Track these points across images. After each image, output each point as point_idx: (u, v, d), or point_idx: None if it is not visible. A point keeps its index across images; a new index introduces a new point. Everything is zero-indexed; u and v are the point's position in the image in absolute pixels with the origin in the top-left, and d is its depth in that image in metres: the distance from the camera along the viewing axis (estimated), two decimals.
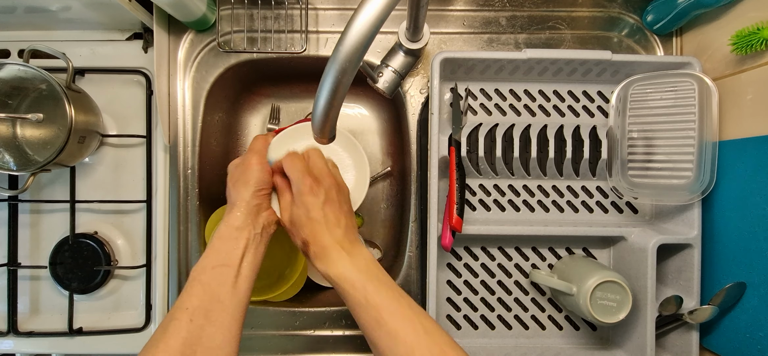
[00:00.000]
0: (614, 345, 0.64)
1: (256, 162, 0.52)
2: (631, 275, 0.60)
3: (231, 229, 0.48)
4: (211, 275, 0.46)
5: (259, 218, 0.50)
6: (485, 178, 0.65)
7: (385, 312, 0.44)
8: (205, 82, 0.67)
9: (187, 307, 0.44)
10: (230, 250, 0.47)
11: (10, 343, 0.66)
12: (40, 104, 0.61)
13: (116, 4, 0.58)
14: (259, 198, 0.50)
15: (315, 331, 0.67)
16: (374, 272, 0.47)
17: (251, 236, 0.49)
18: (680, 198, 0.59)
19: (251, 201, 0.50)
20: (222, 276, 0.46)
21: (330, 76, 0.36)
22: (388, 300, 0.45)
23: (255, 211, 0.50)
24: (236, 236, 0.48)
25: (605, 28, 0.68)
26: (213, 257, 0.47)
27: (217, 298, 0.45)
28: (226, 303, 0.45)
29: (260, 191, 0.50)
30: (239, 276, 0.47)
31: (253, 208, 0.50)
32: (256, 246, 0.49)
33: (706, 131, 0.57)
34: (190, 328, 0.42)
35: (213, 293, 0.45)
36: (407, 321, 0.44)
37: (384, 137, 0.82)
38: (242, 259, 0.47)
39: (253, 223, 0.49)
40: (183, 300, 0.45)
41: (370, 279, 0.46)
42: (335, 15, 0.68)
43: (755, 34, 0.52)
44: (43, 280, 0.68)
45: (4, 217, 0.66)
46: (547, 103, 0.65)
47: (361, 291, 0.45)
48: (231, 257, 0.47)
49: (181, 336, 0.42)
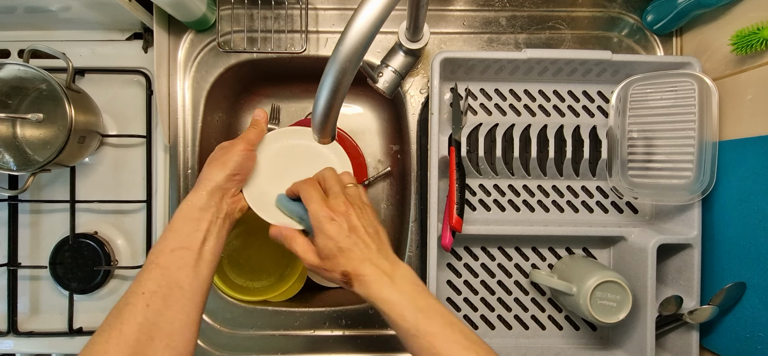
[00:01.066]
0: (614, 345, 0.64)
1: (242, 148, 0.51)
2: (631, 275, 0.60)
3: (193, 209, 0.47)
4: (170, 258, 0.44)
5: (223, 202, 0.49)
6: (485, 178, 0.65)
7: (439, 341, 0.42)
8: (205, 82, 0.67)
9: (144, 291, 0.42)
10: (191, 232, 0.46)
11: (10, 343, 0.66)
12: (40, 104, 0.61)
13: (116, 4, 0.58)
14: (231, 183, 0.49)
15: (315, 331, 0.67)
16: (422, 296, 0.44)
17: (214, 219, 0.47)
18: (680, 198, 0.59)
19: (221, 183, 0.48)
20: (181, 259, 0.44)
21: (330, 76, 0.36)
22: (441, 327, 0.42)
23: (220, 194, 0.48)
24: (198, 217, 0.46)
25: (605, 28, 0.68)
26: (172, 238, 0.45)
27: (176, 282, 0.43)
28: (186, 287, 0.43)
29: (235, 175, 0.50)
30: (200, 260, 0.45)
31: (220, 190, 0.48)
32: (218, 231, 0.48)
33: (706, 131, 0.57)
34: (147, 313, 0.41)
35: (172, 277, 0.43)
36: (464, 350, 0.41)
37: (384, 137, 0.82)
38: (204, 243, 0.46)
39: (217, 206, 0.48)
40: (139, 283, 0.43)
41: (419, 306, 0.43)
42: (335, 15, 0.68)
43: (755, 34, 0.52)
44: (43, 280, 0.68)
45: (4, 217, 0.66)
46: (547, 103, 0.65)
47: (412, 321, 0.42)
48: (191, 240, 0.45)
49: (136, 322, 0.40)
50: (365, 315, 0.67)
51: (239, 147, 0.51)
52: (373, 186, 0.81)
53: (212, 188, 0.48)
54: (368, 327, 0.67)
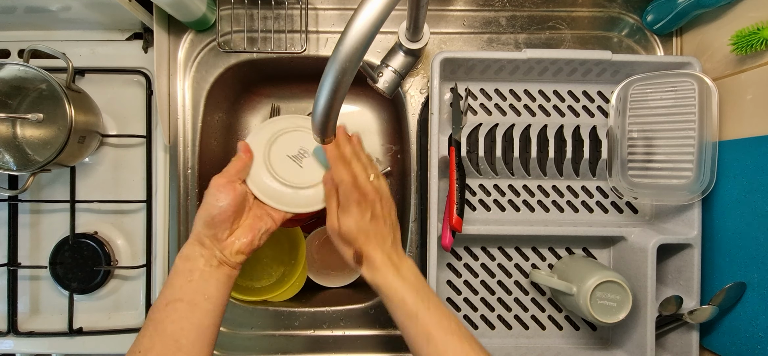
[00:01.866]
0: (614, 345, 0.64)
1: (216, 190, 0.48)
2: (631, 275, 0.60)
3: (182, 260, 0.46)
4: (164, 312, 0.44)
5: (215, 248, 0.47)
6: (485, 178, 0.65)
7: (435, 329, 0.45)
8: (205, 82, 0.67)
9: (139, 350, 0.42)
10: (183, 284, 0.45)
11: (10, 343, 0.66)
12: (40, 104, 0.61)
13: (116, 4, 0.58)
14: (213, 229, 0.47)
15: (315, 331, 0.67)
16: (423, 286, 0.49)
17: (205, 266, 0.46)
18: (680, 198, 0.59)
19: (203, 231, 0.47)
20: (175, 311, 0.44)
21: (330, 76, 0.36)
22: (438, 317, 0.46)
23: (210, 240, 0.47)
24: (190, 267, 0.46)
25: (605, 28, 0.68)
26: (167, 292, 0.45)
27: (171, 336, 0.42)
28: (183, 341, 0.43)
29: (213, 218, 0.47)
30: (196, 310, 0.44)
31: (207, 238, 0.47)
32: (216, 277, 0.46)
33: (706, 131, 0.57)
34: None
35: (166, 331, 0.43)
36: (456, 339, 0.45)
37: (384, 137, 0.82)
38: (197, 292, 0.45)
39: (207, 256, 0.47)
40: (136, 342, 0.43)
41: (420, 294, 0.47)
42: (335, 15, 0.68)
43: (755, 34, 0.52)
44: (43, 280, 0.68)
45: (4, 217, 0.66)
46: (547, 103, 0.65)
47: (412, 306, 0.46)
48: (184, 292, 0.45)
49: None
50: (365, 315, 0.67)
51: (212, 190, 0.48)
52: None
53: (198, 237, 0.47)
54: (368, 327, 0.67)
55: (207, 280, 0.46)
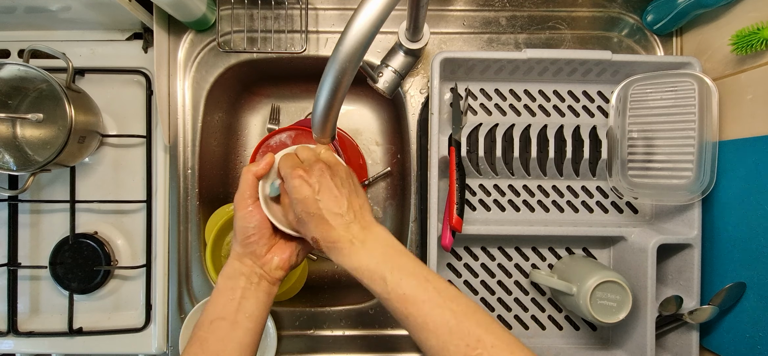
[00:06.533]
0: (614, 345, 0.64)
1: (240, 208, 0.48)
2: (631, 275, 0.60)
3: (225, 279, 0.47)
4: (208, 330, 0.45)
5: (255, 265, 0.48)
6: (485, 178, 0.65)
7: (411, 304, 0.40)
8: (205, 82, 0.67)
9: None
10: (226, 302, 0.46)
11: (10, 343, 0.66)
12: (40, 104, 0.61)
13: (116, 4, 0.58)
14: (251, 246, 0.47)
15: (315, 331, 0.67)
16: (394, 258, 0.43)
17: (247, 284, 0.47)
18: (680, 198, 0.59)
19: (241, 251, 0.48)
20: (219, 329, 0.45)
21: (330, 76, 0.36)
22: (413, 288, 0.41)
23: (249, 259, 0.48)
24: (232, 286, 0.47)
25: (605, 28, 0.68)
26: (210, 310, 0.46)
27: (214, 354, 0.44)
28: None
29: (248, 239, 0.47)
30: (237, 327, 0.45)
31: (247, 256, 0.48)
32: (256, 294, 0.47)
33: (706, 131, 0.57)
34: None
35: (210, 349, 0.44)
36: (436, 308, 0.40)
37: (384, 137, 0.82)
38: (238, 310, 0.46)
39: (249, 271, 0.47)
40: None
41: (390, 267, 0.42)
42: (335, 15, 0.68)
43: (755, 34, 0.52)
44: (43, 280, 0.68)
45: (4, 217, 0.66)
46: (547, 103, 0.65)
47: (381, 284, 0.41)
48: (227, 310, 0.46)
49: None
50: (365, 315, 0.67)
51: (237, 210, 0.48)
52: (373, 186, 0.81)
53: (239, 256, 0.48)
54: (368, 327, 0.67)
55: (248, 298, 0.47)
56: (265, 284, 0.48)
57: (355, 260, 0.42)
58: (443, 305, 0.40)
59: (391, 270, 0.42)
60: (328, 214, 0.43)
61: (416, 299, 0.40)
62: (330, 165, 0.46)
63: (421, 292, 0.41)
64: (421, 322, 0.40)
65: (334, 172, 0.46)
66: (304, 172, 0.44)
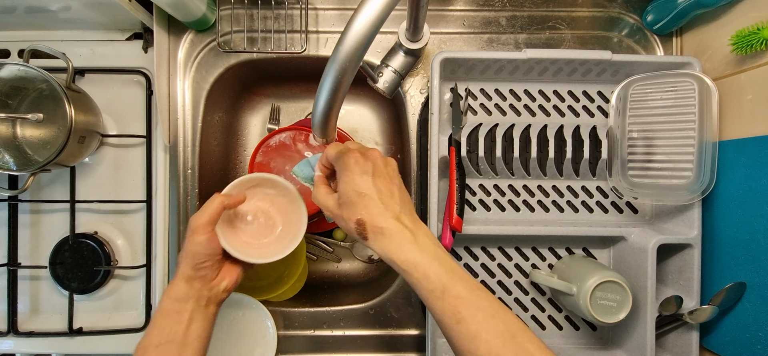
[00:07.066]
0: (614, 345, 0.64)
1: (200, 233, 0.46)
2: (631, 275, 0.60)
3: (172, 301, 0.46)
4: (154, 354, 0.44)
5: (203, 288, 0.47)
6: (485, 178, 0.65)
7: (464, 305, 0.39)
8: (205, 83, 0.67)
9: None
10: (173, 325, 0.45)
11: (10, 343, 0.66)
12: (40, 104, 0.61)
13: (116, 4, 0.58)
14: (203, 270, 0.47)
15: (315, 331, 0.67)
16: (445, 258, 0.41)
17: (195, 306, 0.47)
18: (680, 198, 0.59)
19: (192, 274, 0.47)
20: (168, 353, 0.44)
21: (330, 76, 0.36)
22: (467, 291, 0.39)
23: (200, 282, 0.47)
24: (179, 308, 0.46)
25: (605, 28, 0.68)
26: (156, 333, 0.45)
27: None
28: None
29: (202, 264, 0.47)
30: (186, 348, 0.45)
31: (196, 279, 0.47)
32: (204, 316, 0.47)
33: (706, 131, 0.57)
34: None
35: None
36: (490, 318, 0.39)
37: (384, 137, 0.82)
38: (187, 333, 0.46)
39: (197, 294, 0.47)
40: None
41: (445, 268, 0.40)
42: (335, 15, 0.68)
43: (755, 34, 0.52)
44: (43, 280, 0.68)
45: (4, 217, 0.66)
46: (547, 103, 0.65)
47: (435, 281, 0.40)
48: (174, 333, 0.45)
49: None
50: (365, 315, 0.67)
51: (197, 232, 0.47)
52: None
53: (188, 278, 0.47)
54: (368, 327, 0.67)
55: (196, 320, 0.47)
56: (212, 306, 0.49)
57: (407, 252, 0.40)
58: (497, 316, 0.39)
59: (446, 271, 0.40)
60: (381, 196, 0.42)
61: (470, 303, 0.39)
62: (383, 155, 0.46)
63: (475, 298, 0.40)
64: (474, 330, 0.39)
65: (386, 162, 0.45)
66: (360, 155, 0.44)
